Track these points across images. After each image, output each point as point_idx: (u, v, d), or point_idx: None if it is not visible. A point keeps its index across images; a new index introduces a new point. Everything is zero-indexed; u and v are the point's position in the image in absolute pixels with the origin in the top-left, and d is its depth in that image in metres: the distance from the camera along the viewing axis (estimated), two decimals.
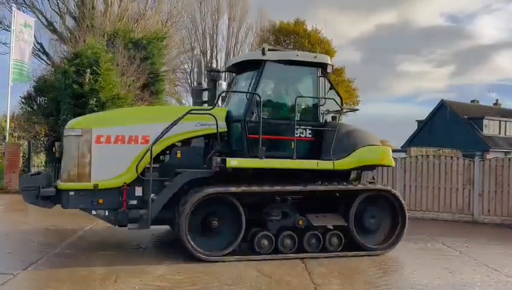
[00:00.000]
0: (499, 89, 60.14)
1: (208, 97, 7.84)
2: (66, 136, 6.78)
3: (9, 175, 15.58)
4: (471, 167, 11.83)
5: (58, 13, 22.44)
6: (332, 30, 68.58)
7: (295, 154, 6.76)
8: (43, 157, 16.82)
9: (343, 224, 7.06)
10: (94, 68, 17.36)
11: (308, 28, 35.28)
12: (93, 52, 17.57)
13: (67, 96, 17.40)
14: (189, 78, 34.46)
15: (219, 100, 7.49)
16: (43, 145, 17.43)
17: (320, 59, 7.44)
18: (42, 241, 7.55)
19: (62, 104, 17.58)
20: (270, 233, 6.74)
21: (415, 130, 42.41)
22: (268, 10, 45.61)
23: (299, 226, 6.86)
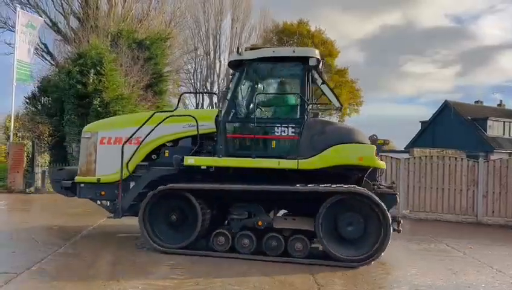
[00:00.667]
0: (503, 90, 59.94)
1: None
2: (81, 138, 7.87)
3: (13, 175, 15.65)
4: (475, 168, 11.79)
5: (62, 14, 22.54)
6: (336, 31, 68.44)
7: (254, 154, 6.74)
8: (47, 157, 16.87)
9: (309, 229, 6.56)
10: (98, 68, 17.43)
11: (312, 28, 35.29)
12: (97, 53, 17.62)
13: (71, 97, 17.47)
14: (193, 78, 34.55)
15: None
16: (47, 145, 17.48)
17: (299, 53, 6.96)
18: (46, 241, 7.56)
19: (66, 104, 17.65)
20: (227, 231, 6.86)
21: (419, 131, 42.30)
22: (271, 11, 45.72)
23: (258, 227, 6.74)
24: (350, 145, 6.54)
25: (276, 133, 6.77)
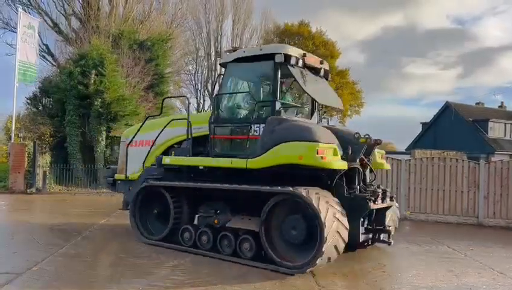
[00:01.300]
0: (504, 92, 59.93)
1: None
2: (120, 142, 9.15)
3: (15, 175, 15.67)
4: (476, 170, 11.77)
5: (63, 14, 22.58)
6: (338, 32, 68.62)
7: (212, 153, 7.03)
8: (48, 157, 16.90)
9: (254, 229, 6.37)
10: (99, 69, 17.47)
11: (313, 29, 35.28)
12: (99, 54, 17.66)
13: (72, 97, 17.51)
14: (194, 79, 34.57)
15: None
16: (48, 145, 17.51)
17: (266, 50, 6.81)
18: (47, 241, 7.57)
19: (67, 105, 17.70)
20: (192, 228, 7.21)
21: (420, 132, 42.27)
22: (272, 12, 45.73)
23: (214, 225, 6.92)
24: (291, 143, 6.05)
25: (247, 134, 6.69)
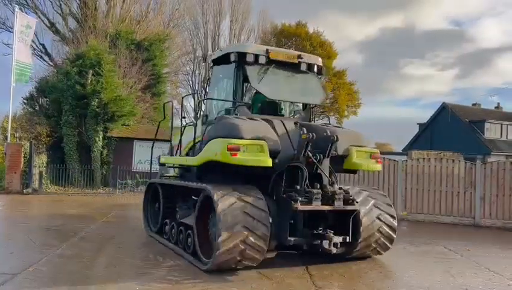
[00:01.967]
0: (500, 93, 60.24)
1: None
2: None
3: (11, 175, 15.61)
4: (473, 171, 11.82)
5: (60, 14, 22.53)
6: (337, 33, 68.73)
7: (176, 153, 7.81)
8: (44, 157, 16.85)
9: (190, 224, 6.56)
10: (96, 69, 17.44)
11: (310, 30, 35.31)
12: (96, 54, 17.63)
13: (69, 97, 17.46)
14: (191, 80, 34.53)
15: None
16: (45, 145, 17.46)
17: (225, 51, 7.08)
18: (43, 242, 7.55)
19: (64, 105, 17.65)
20: (169, 221, 7.79)
21: (417, 133, 42.37)
22: (270, 12, 45.75)
23: (177, 220, 7.40)
24: (214, 140, 6.10)
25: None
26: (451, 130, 36.55)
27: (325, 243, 5.87)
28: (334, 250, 5.90)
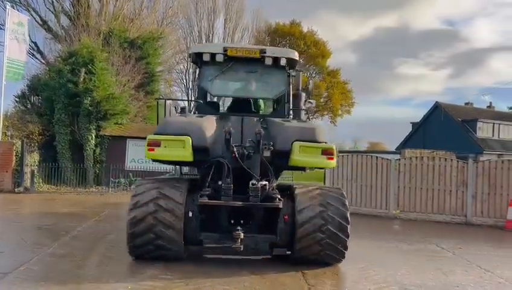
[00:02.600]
0: (492, 92, 60.79)
1: None
2: None
3: (2, 174, 15.46)
4: (465, 169, 11.90)
5: (53, 12, 22.34)
6: (332, 33, 68.90)
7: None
8: (36, 156, 16.72)
9: None
10: (89, 67, 17.32)
11: (304, 29, 35.37)
12: (88, 52, 17.51)
13: (62, 96, 17.33)
14: (185, 78, 34.43)
15: None
16: (37, 144, 17.32)
17: (189, 51, 7.78)
18: (35, 241, 7.49)
19: (56, 103, 17.51)
20: None
21: (410, 132, 42.59)
22: (264, 11, 45.67)
23: None
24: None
25: None
26: (444, 129, 36.76)
27: (233, 240, 5.81)
28: (241, 248, 5.83)
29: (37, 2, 22.20)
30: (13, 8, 19.09)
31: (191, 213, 6.05)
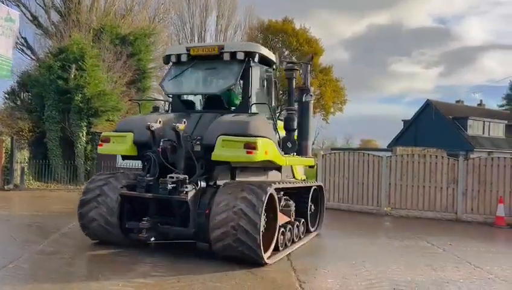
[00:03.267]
0: (483, 90, 61.28)
1: None
2: None
3: None
4: (456, 166, 11.99)
5: (43, 7, 22.07)
6: (325, 30, 68.97)
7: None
8: (26, 153, 16.55)
9: None
10: (80, 64, 17.16)
11: (297, 26, 35.30)
12: (79, 48, 17.35)
13: (52, 92, 17.16)
14: None
15: None
16: (27, 141, 17.14)
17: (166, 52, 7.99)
18: (24, 238, 7.42)
19: (46, 100, 17.34)
20: None
21: (401, 130, 42.82)
22: (256, 8, 45.52)
23: None
24: None
25: None
26: (435, 126, 37.01)
27: (134, 235, 6.45)
28: (145, 238, 6.24)
29: None
30: (2, 3, 18.82)
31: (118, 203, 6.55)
